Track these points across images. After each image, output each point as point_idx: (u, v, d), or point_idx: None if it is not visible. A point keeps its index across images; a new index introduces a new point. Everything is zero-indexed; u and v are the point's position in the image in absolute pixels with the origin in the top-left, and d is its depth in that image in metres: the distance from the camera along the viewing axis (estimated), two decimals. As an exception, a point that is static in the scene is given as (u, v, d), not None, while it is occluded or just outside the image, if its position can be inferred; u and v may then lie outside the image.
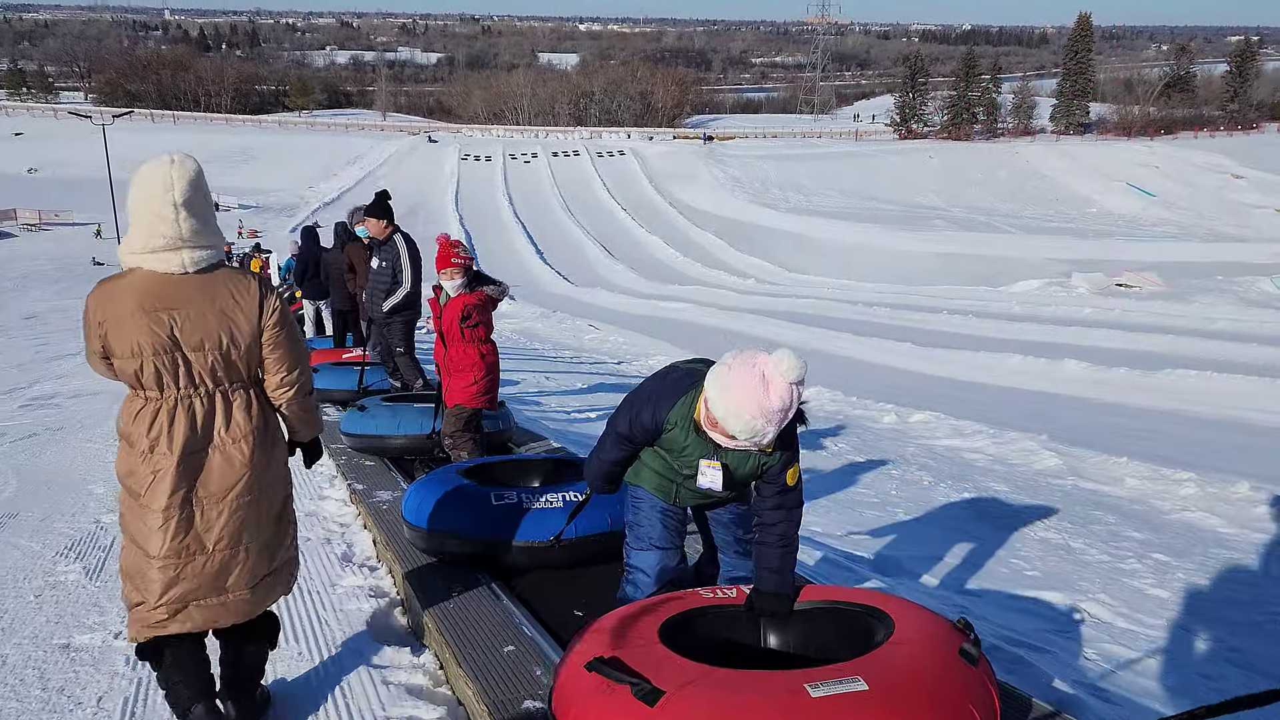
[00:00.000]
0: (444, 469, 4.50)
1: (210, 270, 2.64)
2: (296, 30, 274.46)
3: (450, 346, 5.27)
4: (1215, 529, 6.29)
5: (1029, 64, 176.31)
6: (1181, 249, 46.41)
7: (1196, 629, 4.44)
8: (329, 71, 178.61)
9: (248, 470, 2.67)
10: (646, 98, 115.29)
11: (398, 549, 4.34)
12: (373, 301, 7.36)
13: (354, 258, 9.04)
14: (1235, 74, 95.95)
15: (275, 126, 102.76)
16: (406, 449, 6.08)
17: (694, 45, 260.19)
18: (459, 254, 5.23)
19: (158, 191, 2.57)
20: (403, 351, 7.41)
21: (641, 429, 2.93)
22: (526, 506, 4.01)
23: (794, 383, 2.59)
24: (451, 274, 5.22)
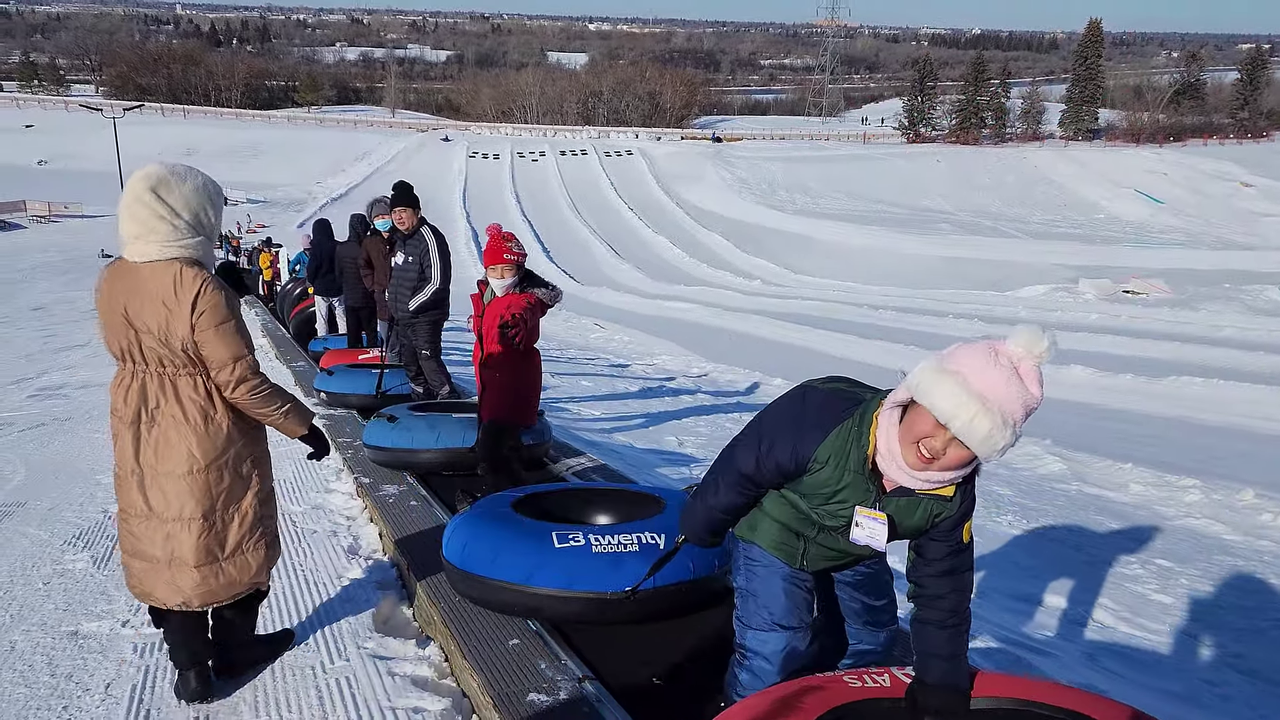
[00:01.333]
0: (492, 500, 3.89)
1: (166, 263, 2.86)
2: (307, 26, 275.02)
3: (489, 345, 4.71)
4: (1220, 535, 6.29)
5: (1038, 69, 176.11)
6: (1189, 256, 46.29)
7: (1200, 635, 4.44)
8: (339, 68, 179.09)
9: (185, 450, 2.92)
10: (655, 98, 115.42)
11: (404, 542, 4.36)
12: (397, 299, 6.81)
13: (372, 252, 8.52)
14: (1246, 82, 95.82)
15: (284, 122, 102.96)
16: (444, 464, 5.48)
17: (703, 46, 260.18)
18: (513, 249, 4.67)
19: (125, 193, 2.90)
20: (429, 354, 6.88)
21: (775, 469, 2.31)
22: (595, 549, 3.39)
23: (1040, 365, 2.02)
24: (503, 271, 4.65)
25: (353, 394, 7.64)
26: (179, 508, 2.94)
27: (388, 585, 4.16)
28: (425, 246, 6.66)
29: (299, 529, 4.93)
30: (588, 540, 3.40)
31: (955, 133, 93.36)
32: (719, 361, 16.95)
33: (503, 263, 4.65)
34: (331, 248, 10.76)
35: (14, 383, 10.93)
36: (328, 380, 7.83)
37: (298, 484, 5.83)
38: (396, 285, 6.79)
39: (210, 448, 2.94)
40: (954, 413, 1.97)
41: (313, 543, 4.70)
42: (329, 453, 3.10)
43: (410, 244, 6.73)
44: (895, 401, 2.13)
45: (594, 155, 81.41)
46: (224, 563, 3.02)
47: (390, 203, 6.87)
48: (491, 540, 3.45)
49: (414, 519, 4.74)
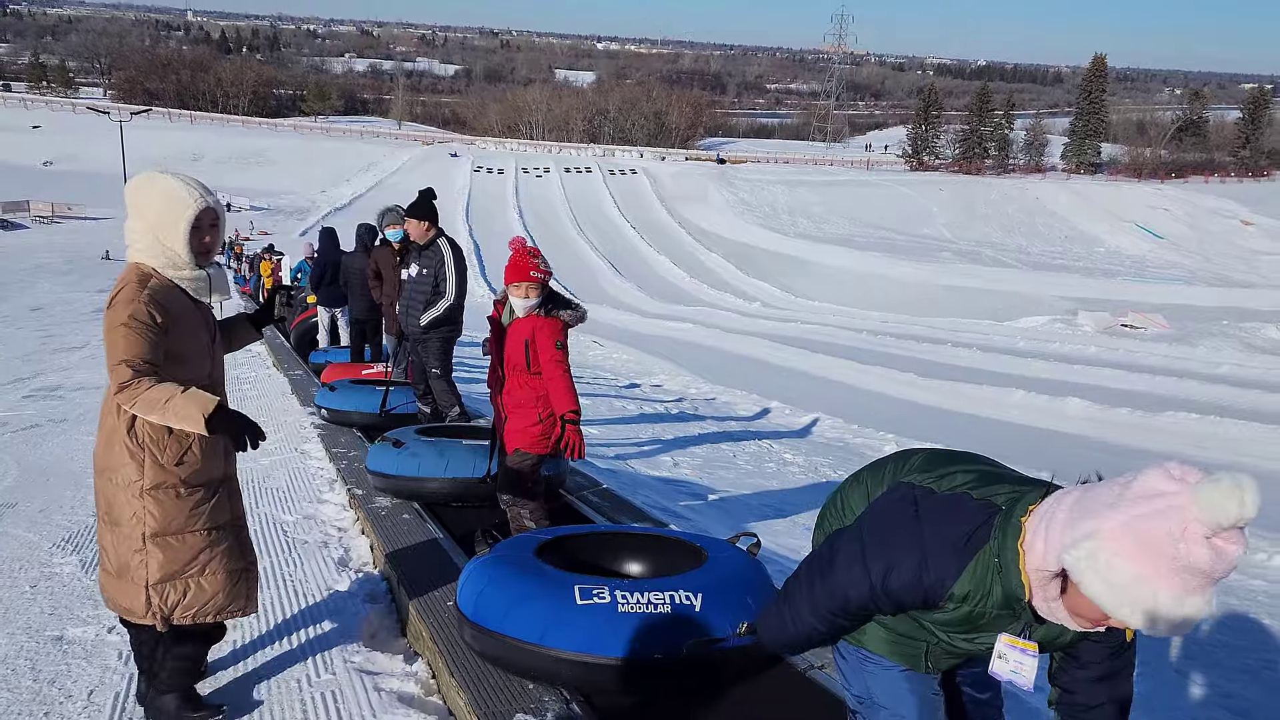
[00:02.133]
0: (515, 544, 3.48)
1: (128, 266, 2.86)
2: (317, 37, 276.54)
3: (510, 376, 4.25)
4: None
5: (1042, 102, 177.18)
6: (1188, 292, 46.46)
7: (1191, 673, 4.42)
8: (347, 78, 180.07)
9: (96, 450, 2.92)
10: (660, 118, 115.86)
11: (394, 555, 4.34)
12: (409, 314, 6.41)
13: (381, 263, 8.08)
14: (1248, 121, 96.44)
15: (291, 130, 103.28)
16: (453, 495, 5.09)
17: (710, 68, 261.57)
18: (539, 266, 4.19)
19: None
20: (439, 373, 6.47)
21: (894, 604, 1.91)
22: (621, 608, 2.95)
23: None
24: (527, 290, 4.15)
25: (356, 411, 7.32)
26: (97, 506, 2.97)
27: (377, 599, 4.14)
28: (441, 258, 6.31)
29: (290, 538, 4.91)
30: (614, 597, 2.98)
31: (958, 162, 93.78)
32: (717, 383, 16.95)
33: (528, 280, 4.15)
34: (337, 257, 10.53)
35: (10, 383, 10.91)
36: (329, 396, 7.54)
37: (290, 493, 5.81)
38: (408, 299, 6.43)
39: (103, 453, 2.87)
40: (1130, 615, 1.57)
41: (303, 553, 4.68)
42: (257, 436, 2.76)
43: (425, 255, 6.38)
44: (1047, 570, 1.69)
45: (598, 173, 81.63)
46: (114, 578, 2.92)
47: (406, 211, 6.49)
48: (508, 591, 3.07)
49: (406, 532, 4.72)
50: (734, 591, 3.14)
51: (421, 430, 5.62)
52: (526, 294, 4.17)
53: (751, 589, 3.20)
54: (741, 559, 3.41)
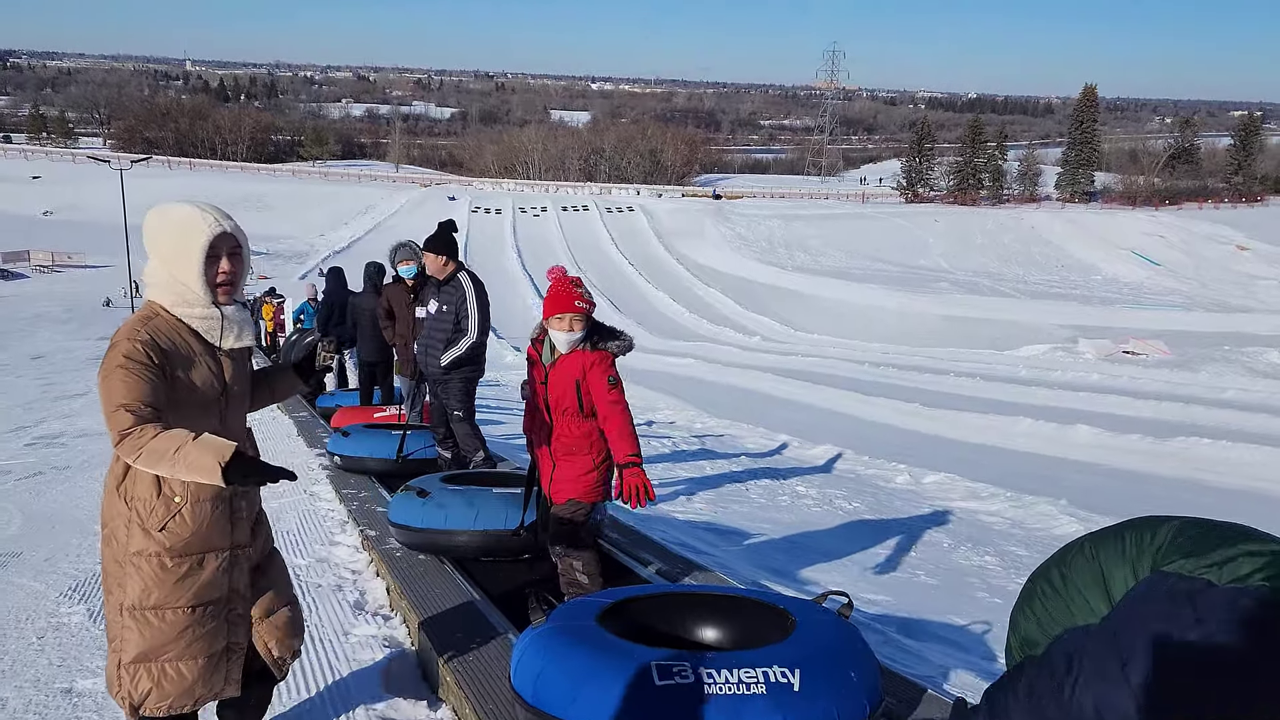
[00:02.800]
0: (571, 610, 3.04)
1: None
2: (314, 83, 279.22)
3: (559, 421, 3.87)
4: (1244, 600, 6.12)
5: (1034, 133, 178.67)
6: (1187, 318, 46.47)
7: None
8: (344, 123, 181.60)
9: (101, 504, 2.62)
10: (656, 155, 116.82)
11: (412, 597, 4.22)
12: (428, 353, 6.04)
13: (394, 302, 7.62)
14: (1239, 147, 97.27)
15: (289, 175, 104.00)
16: (484, 549, 4.72)
17: (703, 106, 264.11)
18: (583, 296, 3.82)
19: None
20: (462, 415, 6.09)
21: None
22: (709, 690, 2.52)
23: None
24: (571, 323, 3.77)
25: (371, 458, 6.90)
26: None
27: (396, 643, 4.02)
28: (462, 294, 5.98)
29: (302, 583, 4.78)
30: (698, 675, 2.54)
31: (953, 193, 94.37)
32: (723, 417, 16.83)
33: (571, 312, 3.76)
34: (344, 297, 10.25)
35: (12, 430, 10.81)
36: (343, 442, 7.11)
37: (301, 536, 5.70)
38: (428, 337, 6.08)
39: (107, 513, 2.57)
40: None
41: (317, 597, 4.56)
42: (280, 477, 2.36)
43: (445, 291, 6.03)
44: None
45: (595, 211, 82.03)
46: (110, 652, 2.60)
47: (424, 245, 6.12)
48: (572, 670, 2.65)
49: (423, 573, 4.61)
50: (835, 666, 2.69)
51: (447, 478, 5.24)
52: (570, 327, 3.78)
53: (853, 662, 2.76)
54: (835, 624, 2.96)
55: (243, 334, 2.65)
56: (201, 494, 2.53)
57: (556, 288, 3.83)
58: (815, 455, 12.04)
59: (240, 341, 2.65)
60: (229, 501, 2.61)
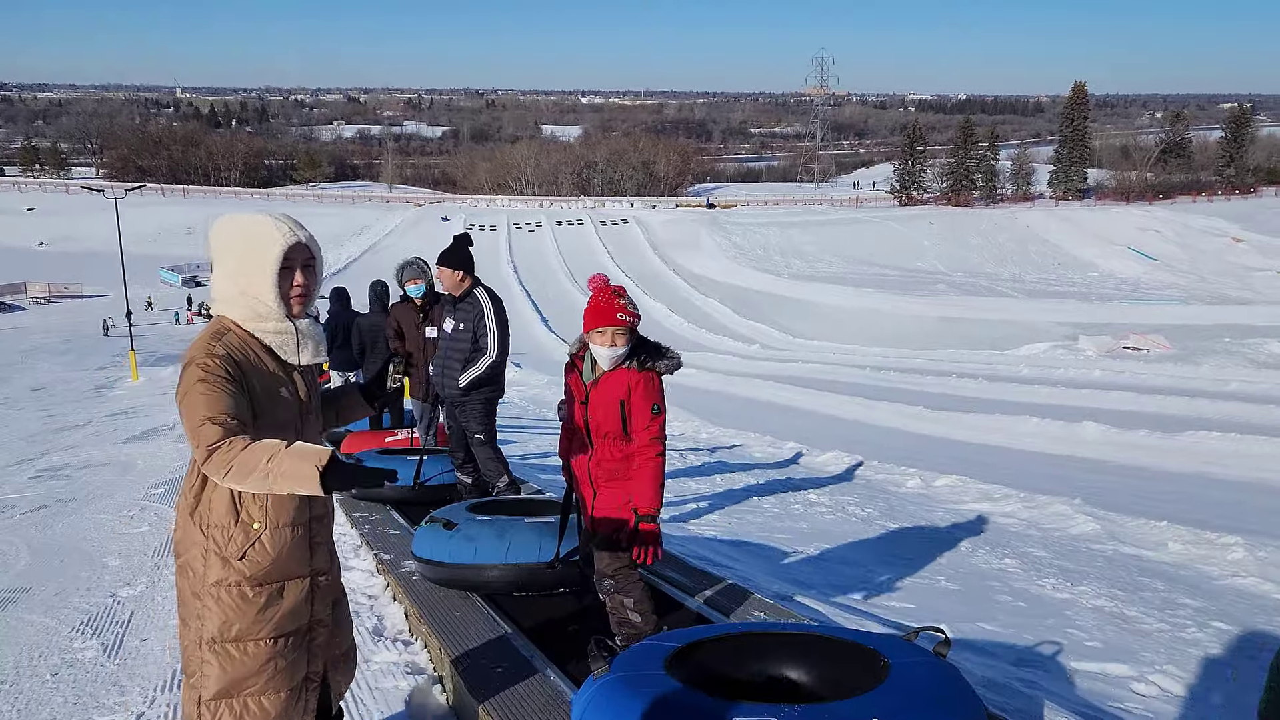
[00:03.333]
0: (635, 657, 2.72)
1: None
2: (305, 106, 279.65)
3: (601, 444, 3.55)
4: (1271, 595, 6.06)
5: (1025, 132, 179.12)
6: (1186, 312, 46.48)
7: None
8: (336, 145, 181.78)
9: (173, 534, 2.50)
10: (649, 167, 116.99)
11: (433, 622, 4.14)
12: (445, 374, 5.76)
13: (402, 322, 7.34)
14: (1231, 139, 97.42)
15: (283, 199, 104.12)
16: (517, 584, 4.42)
17: (694, 116, 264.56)
18: (627, 308, 3.51)
19: None
20: (483, 439, 5.76)
21: None
22: None
23: None
24: (614, 337, 3.46)
25: (386, 486, 6.87)
26: None
27: (419, 669, 3.94)
28: (480, 311, 5.72)
29: (318, 610, 4.71)
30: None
31: (947, 195, 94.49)
32: (728, 426, 16.77)
33: (615, 324, 3.44)
34: (350, 318, 9.90)
35: (15, 464, 10.73)
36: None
37: (314, 562, 5.62)
38: (444, 357, 5.79)
39: (177, 538, 2.46)
40: None
41: (334, 624, 4.48)
42: (381, 479, 2.24)
43: (462, 308, 5.76)
44: None
45: (590, 224, 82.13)
46: (186, 677, 2.47)
47: (440, 260, 5.85)
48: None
49: (441, 596, 4.53)
50: (938, 715, 2.38)
51: (474, 507, 4.90)
52: (613, 342, 3.45)
53: (957, 710, 2.40)
54: (933, 666, 2.62)
55: (318, 350, 2.52)
56: (280, 519, 2.41)
57: (598, 299, 3.50)
58: (824, 462, 11.97)
59: (316, 357, 2.52)
60: (308, 526, 2.49)
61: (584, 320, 3.51)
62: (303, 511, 2.46)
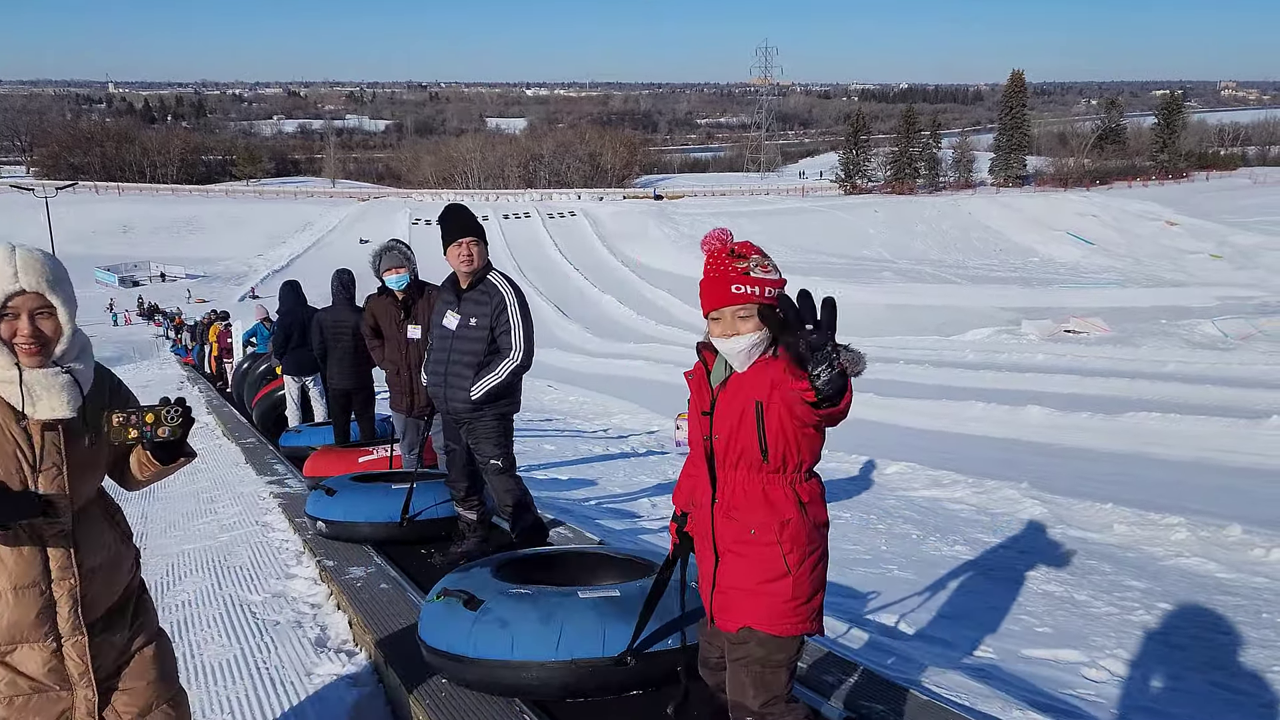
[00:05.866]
0: None
1: None
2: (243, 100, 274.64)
3: (727, 478, 2.42)
4: (1214, 574, 6.16)
5: (965, 120, 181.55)
6: (1124, 295, 47.54)
7: (1219, 679, 4.26)
8: (277, 140, 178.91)
9: None
10: (595, 159, 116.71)
11: (377, 630, 4.02)
12: (449, 383, 4.60)
13: (381, 318, 6.24)
14: (1164, 126, 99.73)
15: (222, 196, 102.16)
16: (572, 687, 3.19)
17: (640, 108, 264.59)
18: (750, 275, 2.36)
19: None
20: (501, 465, 4.64)
21: None
22: None
23: None
24: (734, 320, 2.36)
25: (368, 523, 5.30)
26: None
27: (362, 680, 3.82)
28: (501, 300, 4.54)
29: (259, 620, 4.55)
30: None
31: (890, 183, 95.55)
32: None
33: (731, 302, 2.34)
34: (306, 314, 8.88)
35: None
36: (329, 503, 5.44)
37: (255, 570, 5.45)
38: (447, 362, 4.62)
39: None
40: None
41: (276, 635, 4.33)
42: (19, 515, 2.07)
43: (473, 298, 4.58)
44: None
45: (537, 217, 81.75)
46: None
47: (445, 233, 4.60)
48: None
49: (386, 603, 4.40)
50: None
51: (504, 568, 3.66)
52: (734, 329, 2.34)
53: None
54: None
55: (62, 404, 2.14)
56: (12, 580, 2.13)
57: (713, 267, 2.40)
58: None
59: (56, 411, 2.13)
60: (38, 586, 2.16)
61: (701, 300, 2.46)
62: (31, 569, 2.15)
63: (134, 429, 2.13)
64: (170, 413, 2.16)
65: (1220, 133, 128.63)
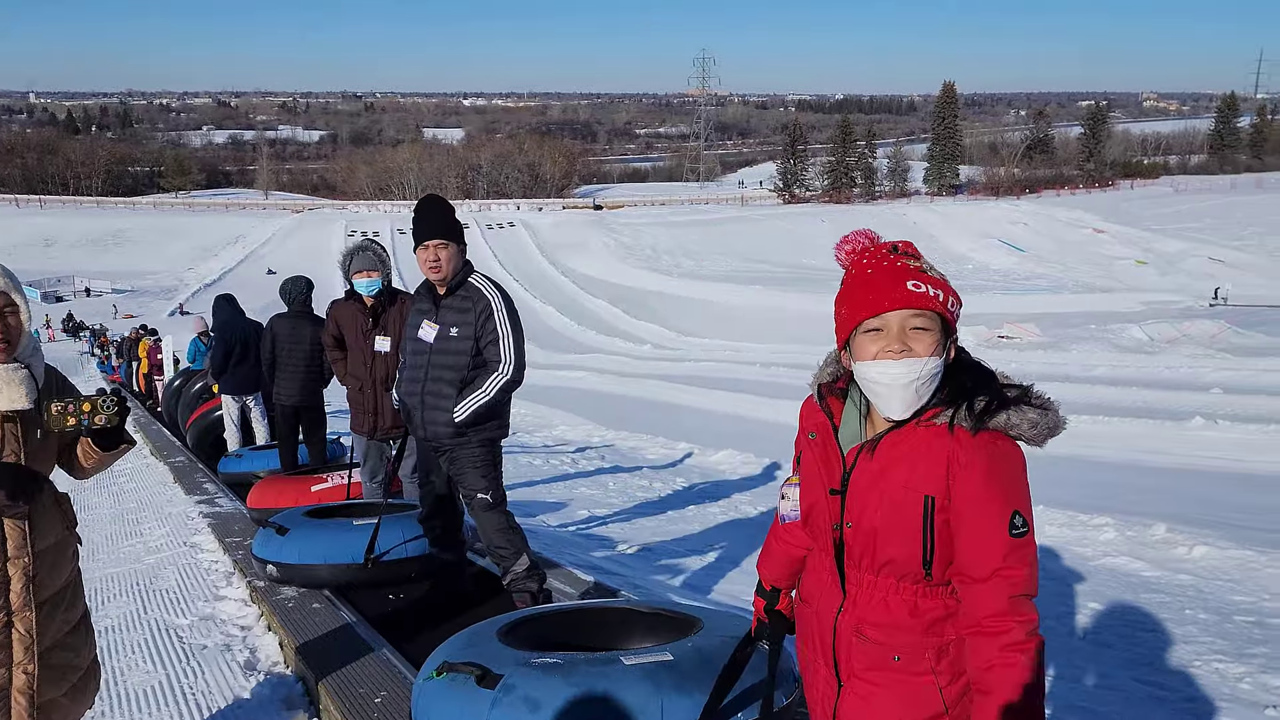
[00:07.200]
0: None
1: None
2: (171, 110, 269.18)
3: (866, 586, 1.79)
4: (1140, 573, 6.30)
5: (900, 130, 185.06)
6: (1054, 300, 48.68)
7: (1145, 676, 4.35)
8: (207, 151, 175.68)
9: None
10: (534, 169, 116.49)
11: (309, 651, 3.93)
12: (426, 404, 3.99)
13: (344, 325, 5.65)
14: (1090, 135, 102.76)
15: (150, 208, 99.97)
16: None
17: (579, 118, 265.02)
18: (928, 273, 1.82)
19: None
20: (491, 500, 4.00)
21: None
22: None
23: None
24: (905, 331, 1.74)
25: (326, 564, 4.64)
26: None
27: (294, 703, 3.73)
28: (487, 306, 3.99)
29: (186, 645, 4.42)
30: None
31: (828, 192, 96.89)
32: (620, 428, 16.71)
33: (907, 304, 1.75)
34: (248, 327, 8.40)
35: None
36: (280, 544, 4.76)
37: (182, 593, 5.30)
38: (424, 379, 4.01)
39: None
40: None
41: (203, 660, 4.21)
42: None
43: (453, 304, 4.03)
44: None
45: (476, 228, 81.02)
46: None
47: (414, 231, 4.05)
48: None
49: (318, 623, 4.30)
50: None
51: (511, 629, 2.92)
52: (902, 343, 1.73)
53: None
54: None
55: (17, 396, 2.27)
56: None
57: (862, 266, 1.85)
58: (716, 462, 12.02)
59: (14, 404, 2.27)
60: None
61: (838, 315, 1.87)
62: None
63: (72, 416, 2.26)
64: (106, 401, 2.30)
65: (1143, 142, 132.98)
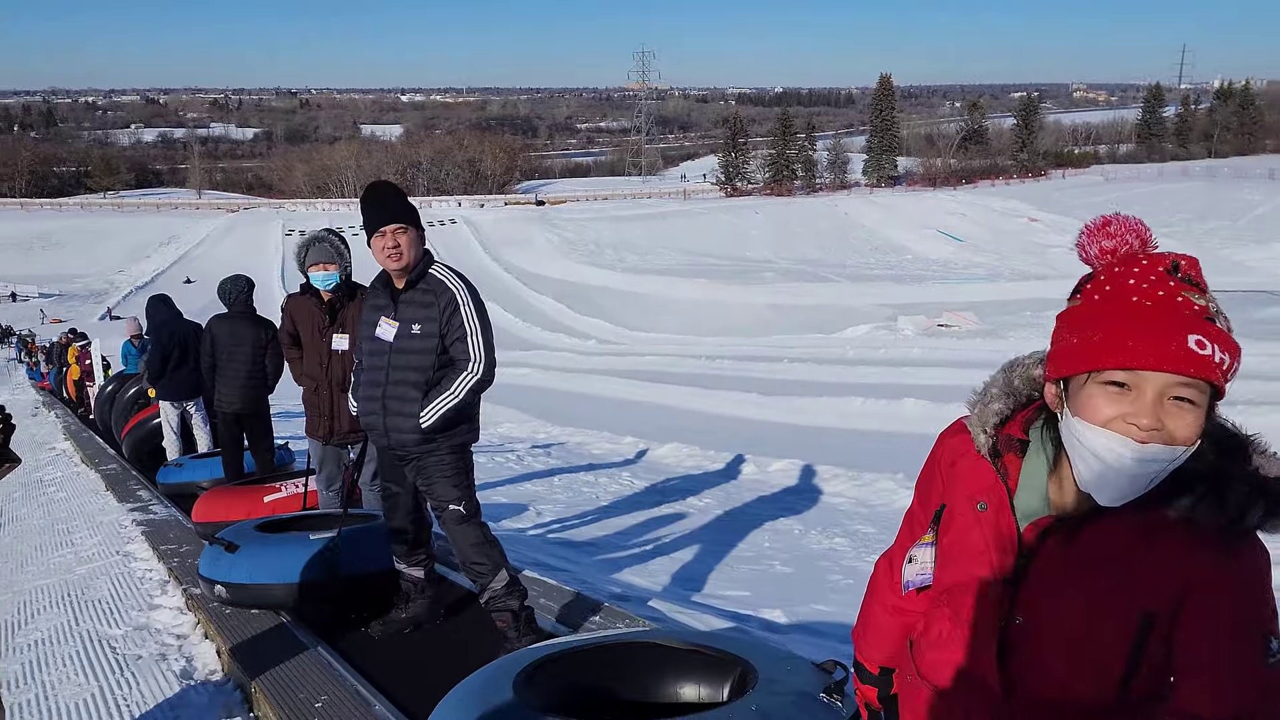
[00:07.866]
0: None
1: None
2: (98, 109, 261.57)
3: (1028, 713, 1.31)
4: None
5: (839, 123, 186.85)
6: (992, 289, 49.63)
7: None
8: (135, 150, 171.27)
9: None
10: (475, 165, 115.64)
11: (245, 657, 3.85)
12: (388, 409, 3.65)
13: (300, 322, 5.32)
14: (1022, 126, 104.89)
15: (77, 209, 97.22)
16: None
17: (519, 113, 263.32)
18: (1216, 316, 1.18)
19: None
20: (464, 512, 3.71)
21: None
22: None
23: None
24: (1170, 401, 1.16)
25: (282, 584, 4.22)
26: None
27: (233, 710, 3.65)
28: (451, 299, 3.63)
29: (120, 656, 4.30)
30: None
31: (769, 185, 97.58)
32: (566, 424, 16.67)
33: (1185, 367, 1.14)
34: (186, 329, 8.04)
35: None
36: (230, 562, 4.33)
37: (115, 602, 5.16)
38: (392, 381, 3.66)
39: None
40: None
41: (138, 671, 4.10)
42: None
43: (412, 299, 3.68)
44: None
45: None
46: None
47: (365, 219, 3.64)
48: None
49: (255, 629, 4.22)
50: None
51: (529, 676, 2.36)
52: (1162, 419, 1.16)
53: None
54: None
55: None
56: None
57: (1125, 285, 1.24)
58: (661, 455, 12.04)
59: None
60: None
61: (1064, 339, 1.35)
62: None
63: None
64: None
65: (1074, 132, 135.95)
